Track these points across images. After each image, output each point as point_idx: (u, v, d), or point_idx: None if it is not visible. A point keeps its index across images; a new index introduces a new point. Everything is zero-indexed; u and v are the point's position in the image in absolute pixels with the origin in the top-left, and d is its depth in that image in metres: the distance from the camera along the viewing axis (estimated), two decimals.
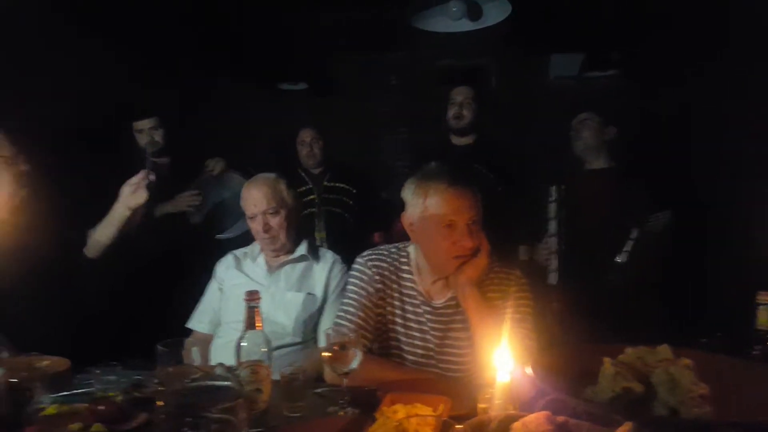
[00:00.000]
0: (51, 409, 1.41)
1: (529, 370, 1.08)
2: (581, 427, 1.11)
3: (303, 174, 3.38)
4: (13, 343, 1.67)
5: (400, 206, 1.73)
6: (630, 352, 1.11)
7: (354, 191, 3.39)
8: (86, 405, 1.39)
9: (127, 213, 2.18)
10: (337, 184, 3.36)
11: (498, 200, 2.53)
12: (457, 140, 3.07)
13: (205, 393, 1.01)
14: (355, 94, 3.55)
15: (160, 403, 0.95)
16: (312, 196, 3.32)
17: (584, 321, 2.04)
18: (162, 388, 1.42)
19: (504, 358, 1.15)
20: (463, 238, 1.58)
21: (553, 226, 2.56)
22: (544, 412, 1.11)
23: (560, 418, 1.13)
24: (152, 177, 2.20)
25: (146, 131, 2.89)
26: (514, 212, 2.76)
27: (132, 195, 2.16)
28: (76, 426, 1.32)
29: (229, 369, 1.36)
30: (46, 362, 1.56)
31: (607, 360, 1.05)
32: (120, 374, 1.55)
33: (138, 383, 1.53)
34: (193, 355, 1.52)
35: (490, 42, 3.51)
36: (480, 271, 1.62)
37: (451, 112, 3.03)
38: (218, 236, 2.88)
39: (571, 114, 2.88)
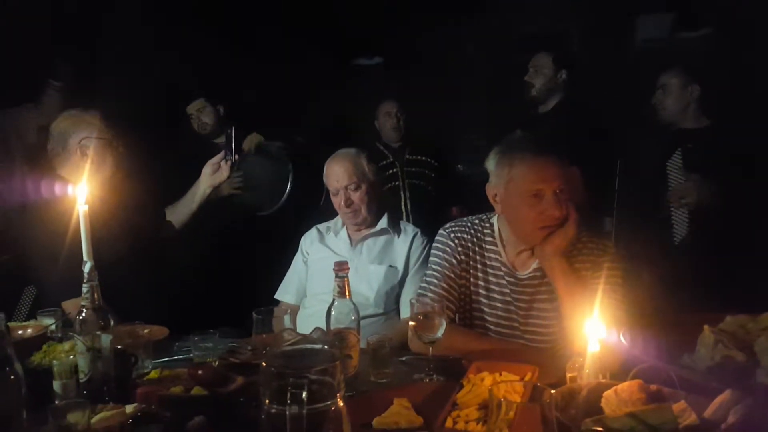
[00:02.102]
0: (154, 373, 1.52)
1: (622, 339, 1.08)
2: (676, 395, 1.10)
3: (382, 148, 3.40)
4: (118, 313, 1.84)
5: (479, 179, 1.74)
6: (730, 321, 1.08)
7: (435, 164, 3.39)
8: (186, 369, 1.50)
9: (209, 191, 2.34)
10: (419, 158, 3.37)
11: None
12: (543, 108, 3.03)
13: (304, 355, 1.08)
14: (433, 65, 3.53)
15: (263, 364, 1.02)
16: (393, 170, 3.34)
17: (677, 292, 1.98)
18: (257, 353, 1.54)
19: (594, 327, 1.16)
20: (551, 208, 1.57)
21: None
22: (636, 381, 1.11)
23: (653, 387, 1.12)
24: (236, 156, 2.33)
25: (194, 109, 3.04)
26: (598, 182, 2.69)
27: (213, 174, 2.32)
28: (178, 389, 1.42)
29: (325, 333, 1.43)
30: (147, 330, 1.70)
31: (706, 327, 1.03)
32: (216, 341, 1.67)
33: (232, 349, 1.63)
34: (285, 322, 1.63)
35: (574, 4, 3.39)
36: (568, 242, 1.61)
37: (533, 79, 3.00)
38: (259, 213, 2.97)
39: (657, 76, 2.77)
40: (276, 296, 2.35)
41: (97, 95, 2.71)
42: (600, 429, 0.96)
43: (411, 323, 1.53)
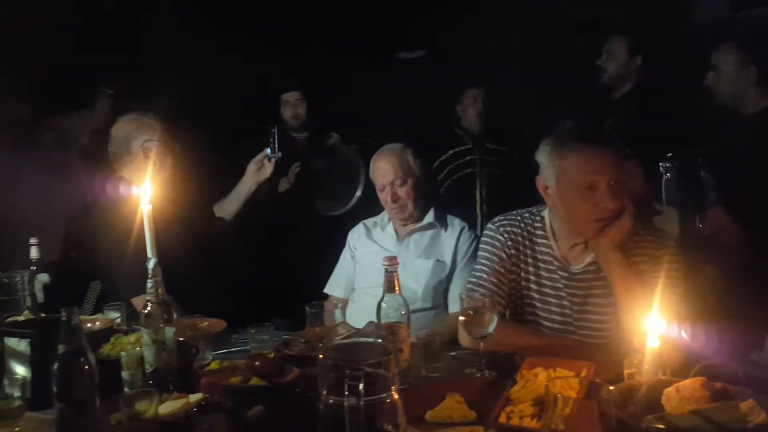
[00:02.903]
0: (214, 364, 1.58)
1: (683, 334, 1.05)
2: (743, 393, 1.07)
3: (461, 133, 3.36)
4: (179, 307, 1.92)
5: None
6: None
7: (514, 155, 3.33)
8: (244, 361, 1.55)
9: (254, 188, 2.41)
10: (499, 147, 3.31)
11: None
12: (615, 94, 2.96)
13: (358, 348, 1.11)
14: (477, 56, 3.48)
15: (320, 356, 1.05)
16: (471, 157, 3.29)
17: (743, 285, 1.90)
18: (310, 346, 1.58)
19: (654, 323, 1.13)
20: (605, 200, 1.54)
21: None
22: (699, 378, 1.09)
23: (718, 385, 1.09)
24: (279, 154, 2.39)
25: (292, 102, 3.08)
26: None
27: (258, 171, 2.38)
28: (236, 379, 1.48)
29: (378, 327, 1.46)
30: (207, 323, 1.77)
31: None
32: (271, 334, 1.72)
33: (286, 341, 1.68)
34: (337, 315, 1.66)
35: None
36: (624, 235, 1.58)
37: (605, 64, 2.94)
38: (328, 213, 3.01)
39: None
40: (325, 290, 2.40)
41: (149, 99, 2.83)
42: (662, 426, 0.95)
43: (461, 318, 1.54)
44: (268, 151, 2.43)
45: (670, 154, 2.18)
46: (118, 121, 2.30)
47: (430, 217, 2.31)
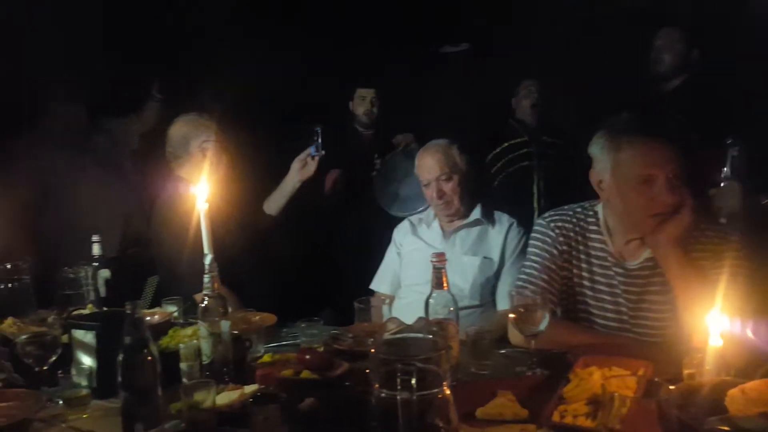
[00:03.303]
0: (266, 357, 1.62)
1: (749, 333, 1.01)
2: None
3: (516, 125, 3.29)
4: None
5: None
6: None
7: (571, 148, 3.27)
8: (295, 354, 1.59)
9: (298, 185, 2.46)
10: (556, 141, 3.24)
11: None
12: (667, 86, 2.89)
13: (409, 344, 1.12)
14: (531, 47, 3.42)
15: (372, 350, 1.06)
16: (527, 149, 3.22)
17: None
18: (359, 341, 1.60)
19: (716, 320, 1.10)
20: (663, 194, 1.50)
21: None
22: (766, 380, 1.05)
23: None
24: (322, 152, 2.42)
25: (368, 99, 3.13)
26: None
27: (302, 169, 2.42)
28: (288, 372, 1.51)
29: (428, 323, 1.46)
30: (258, 317, 1.82)
31: None
32: (320, 328, 1.75)
33: (335, 336, 1.71)
34: (384, 311, 1.68)
35: None
36: (683, 230, 1.53)
37: (651, 56, 2.88)
38: (396, 213, 3.03)
39: None
40: (371, 286, 2.42)
41: (199, 101, 2.92)
42: (728, 428, 0.91)
43: (511, 316, 1.52)
44: (312, 149, 2.48)
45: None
46: (176, 121, 2.39)
47: (476, 213, 2.29)
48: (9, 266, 1.85)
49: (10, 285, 1.83)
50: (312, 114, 2.98)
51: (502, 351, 1.64)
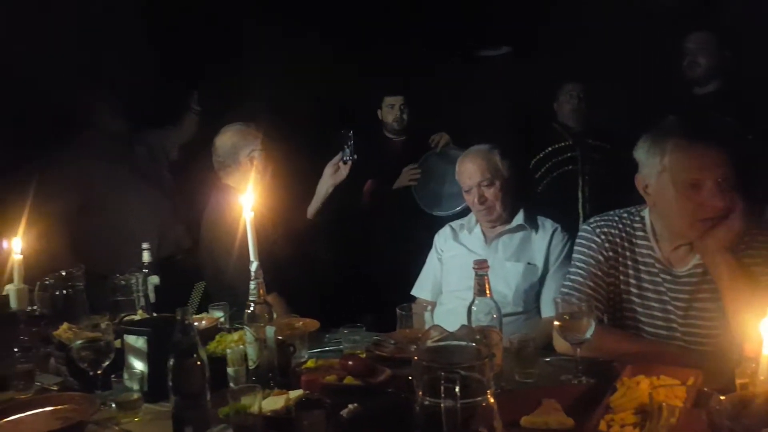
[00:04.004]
0: (310, 363, 1.65)
1: None
2: None
3: (560, 129, 3.25)
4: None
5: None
6: None
7: (617, 152, 3.15)
8: (338, 360, 1.62)
9: (331, 189, 2.50)
10: (602, 144, 3.18)
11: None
12: (699, 90, 2.83)
13: (452, 351, 1.13)
14: (574, 50, 3.39)
15: (415, 357, 1.09)
16: (572, 154, 3.18)
17: None
18: (401, 347, 1.62)
19: None
20: (712, 199, 1.47)
21: None
22: None
23: None
24: (354, 157, 2.47)
25: (397, 106, 3.17)
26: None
27: (334, 174, 2.46)
28: (332, 377, 1.55)
29: (471, 331, 1.47)
30: (301, 323, 1.86)
31: None
32: (363, 334, 1.78)
33: (377, 342, 1.74)
34: (426, 318, 1.70)
35: None
36: (733, 235, 1.50)
37: (686, 60, 2.82)
38: (438, 213, 3.04)
39: None
40: (412, 292, 2.43)
41: (239, 111, 3.01)
42: None
43: (556, 323, 1.52)
44: (344, 154, 2.53)
45: None
46: (224, 131, 2.47)
47: (519, 218, 2.28)
48: (63, 273, 1.95)
49: (65, 292, 1.93)
50: (345, 120, 3.03)
51: (547, 359, 1.63)
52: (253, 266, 1.48)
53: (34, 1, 2.58)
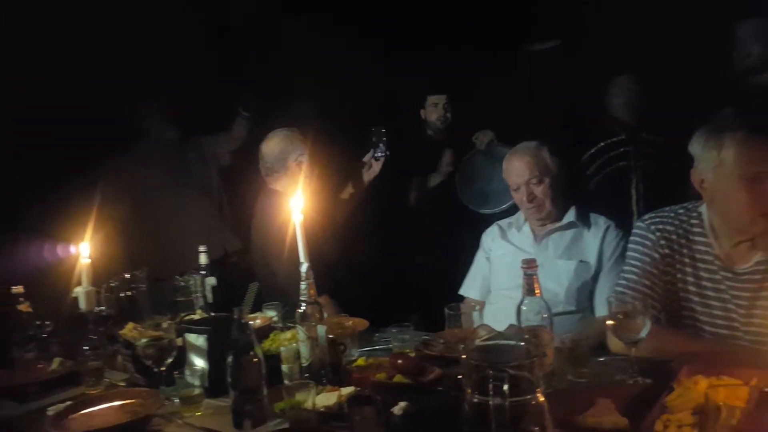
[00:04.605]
0: (360, 361, 1.69)
1: None
2: None
3: (613, 124, 3.18)
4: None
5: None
6: None
7: (672, 145, 3.12)
8: (387, 358, 1.65)
9: (364, 186, 2.55)
10: (657, 138, 3.07)
11: None
12: (756, 79, 2.72)
13: (501, 350, 1.14)
14: (625, 42, 3.30)
15: (464, 356, 1.10)
16: (625, 149, 3.11)
17: None
18: (450, 346, 1.64)
19: None
20: None
21: None
22: None
23: None
24: (387, 153, 2.50)
25: (440, 105, 3.19)
26: None
27: (366, 171, 2.49)
28: (382, 375, 1.58)
29: (520, 330, 1.48)
30: (351, 322, 1.91)
31: None
32: (411, 333, 1.80)
33: (426, 342, 1.76)
34: (475, 317, 1.71)
35: None
36: None
37: (738, 49, 2.73)
38: (484, 211, 3.04)
39: None
40: (461, 292, 2.43)
41: (284, 116, 3.09)
42: None
43: (609, 323, 1.49)
44: (376, 150, 2.57)
45: None
46: (271, 138, 2.55)
47: (570, 216, 2.25)
48: (128, 276, 2.07)
49: (129, 293, 2.05)
50: (384, 118, 3.06)
51: (601, 359, 1.61)
52: (303, 267, 1.53)
53: (93, 22, 2.73)
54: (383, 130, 2.60)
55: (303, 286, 1.53)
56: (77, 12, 2.62)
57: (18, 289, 2.03)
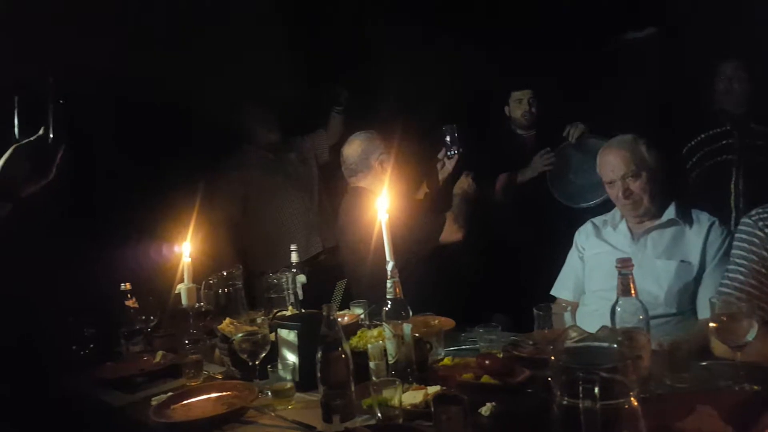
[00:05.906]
0: (446, 360, 1.72)
1: None
2: None
3: (717, 113, 2.99)
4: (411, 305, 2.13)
5: None
6: None
7: None
8: (474, 358, 1.66)
9: (440, 185, 2.57)
10: (765, 129, 2.87)
11: None
12: None
13: (591, 352, 1.12)
14: (729, 26, 3.08)
15: (552, 357, 1.10)
16: (728, 141, 2.92)
17: None
18: (539, 348, 1.62)
19: None
20: None
21: None
22: None
23: None
24: (460, 150, 2.48)
25: (525, 101, 3.17)
26: None
27: (441, 169, 2.55)
28: (468, 375, 1.60)
29: (613, 332, 1.44)
30: (437, 321, 1.93)
31: None
32: (499, 334, 1.80)
33: (515, 342, 1.75)
34: (566, 318, 1.67)
35: None
36: None
37: None
38: (577, 205, 2.95)
39: None
40: (552, 292, 2.37)
41: (373, 112, 3.16)
42: None
43: (712, 325, 1.42)
44: (448, 148, 2.56)
45: None
46: (351, 141, 2.63)
47: (670, 212, 2.14)
48: (225, 274, 2.21)
49: (226, 290, 2.18)
50: (471, 117, 3.04)
51: (703, 363, 1.54)
52: (389, 266, 1.57)
53: (199, 36, 2.93)
54: (453, 127, 2.60)
55: (389, 284, 1.57)
56: (185, 25, 2.82)
57: (126, 286, 2.22)
